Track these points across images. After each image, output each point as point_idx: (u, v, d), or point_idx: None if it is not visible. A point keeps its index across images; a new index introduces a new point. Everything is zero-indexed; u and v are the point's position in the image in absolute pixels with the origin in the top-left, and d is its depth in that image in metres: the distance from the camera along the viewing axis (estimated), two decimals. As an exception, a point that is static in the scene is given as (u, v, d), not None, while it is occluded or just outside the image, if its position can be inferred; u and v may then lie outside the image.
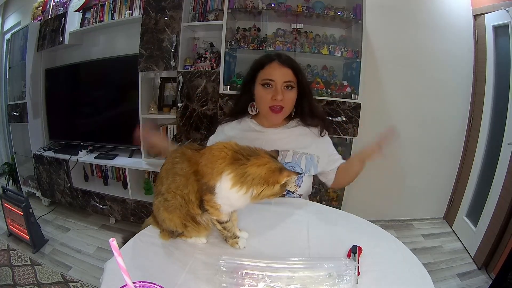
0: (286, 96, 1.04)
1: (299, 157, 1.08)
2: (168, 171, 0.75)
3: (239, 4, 2.07)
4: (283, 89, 1.04)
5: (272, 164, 0.70)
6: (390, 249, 0.75)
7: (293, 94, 1.07)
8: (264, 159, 0.70)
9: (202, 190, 0.71)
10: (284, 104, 1.05)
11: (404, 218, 2.57)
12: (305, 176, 1.08)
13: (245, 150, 0.72)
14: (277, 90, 1.03)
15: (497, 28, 2.05)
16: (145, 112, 2.36)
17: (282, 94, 1.03)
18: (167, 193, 0.74)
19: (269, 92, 1.04)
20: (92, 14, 2.57)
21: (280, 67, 1.05)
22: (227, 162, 0.68)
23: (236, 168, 0.68)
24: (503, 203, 1.85)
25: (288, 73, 1.05)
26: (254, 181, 0.67)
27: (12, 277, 1.81)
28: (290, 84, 1.05)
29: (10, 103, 2.99)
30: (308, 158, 1.08)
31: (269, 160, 0.71)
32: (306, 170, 1.08)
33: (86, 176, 2.76)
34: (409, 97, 2.39)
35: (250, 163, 0.68)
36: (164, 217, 0.75)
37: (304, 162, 1.08)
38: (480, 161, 2.21)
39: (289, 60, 1.08)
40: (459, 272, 1.94)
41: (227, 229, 0.75)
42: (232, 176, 0.67)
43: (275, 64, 1.05)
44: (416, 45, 2.29)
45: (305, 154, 1.09)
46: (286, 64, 1.06)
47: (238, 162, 0.68)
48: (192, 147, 0.78)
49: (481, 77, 2.23)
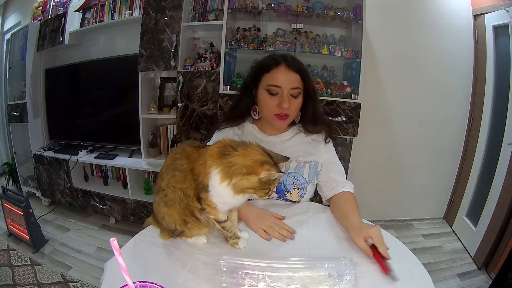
0: (292, 104, 0.99)
1: (302, 166, 1.04)
2: (169, 166, 0.76)
3: (239, 4, 2.06)
4: (289, 96, 0.98)
5: (257, 156, 0.68)
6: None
7: (299, 101, 1.02)
8: (252, 150, 0.69)
9: (199, 189, 0.71)
10: (290, 112, 1.00)
11: (404, 218, 2.57)
12: (309, 186, 1.05)
13: (236, 143, 0.71)
14: (284, 98, 0.97)
15: (497, 28, 2.05)
16: (145, 112, 2.35)
17: (288, 102, 0.97)
18: (167, 188, 0.75)
19: (275, 99, 0.99)
20: (92, 14, 2.56)
21: (287, 72, 0.98)
22: (214, 158, 0.69)
23: (222, 162, 0.68)
24: (503, 203, 1.85)
25: (295, 79, 0.99)
26: (236, 170, 0.67)
27: (12, 277, 1.81)
28: (297, 91, 0.99)
29: (10, 103, 2.98)
30: (312, 166, 1.04)
31: (256, 152, 0.69)
32: (310, 180, 1.04)
33: (86, 176, 2.76)
34: (409, 97, 2.39)
35: (235, 153, 0.68)
36: (164, 212, 0.75)
37: (307, 171, 1.04)
38: (480, 161, 2.21)
39: (296, 64, 1.01)
40: (459, 272, 1.94)
41: (226, 228, 0.75)
42: (219, 170, 0.67)
43: (282, 69, 0.98)
44: (416, 45, 2.29)
45: (308, 163, 1.04)
46: (294, 69, 0.99)
47: (224, 155, 0.68)
48: (193, 144, 0.78)
49: (481, 77, 2.23)
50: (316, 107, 1.08)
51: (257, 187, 0.68)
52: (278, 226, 0.86)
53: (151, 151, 2.43)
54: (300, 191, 1.04)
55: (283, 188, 1.03)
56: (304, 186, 1.03)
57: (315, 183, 1.07)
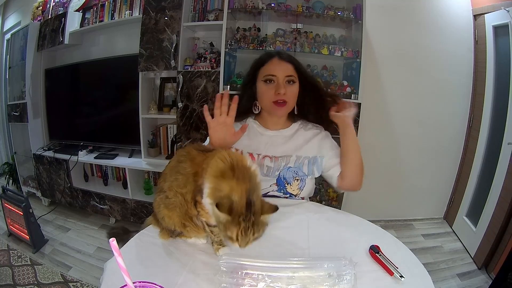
0: (289, 90, 1.04)
1: (301, 161, 1.07)
2: (172, 168, 0.77)
3: (239, 4, 2.07)
4: (285, 83, 1.04)
5: (242, 199, 0.63)
6: (390, 249, 0.75)
7: (295, 88, 1.07)
8: (243, 186, 0.64)
9: (197, 191, 0.71)
10: (287, 98, 1.04)
11: (404, 218, 2.57)
12: (308, 178, 1.07)
13: (241, 168, 0.67)
14: (279, 85, 1.03)
15: (497, 28, 2.05)
16: (145, 112, 2.36)
17: (284, 88, 1.03)
18: (169, 191, 0.75)
19: (272, 87, 1.04)
20: (92, 14, 2.57)
21: (281, 62, 1.06)
22: (213, 173, 0.67)
23: (216, 182, 0.66)
24: (503, 203, 1.86)
25: (289, 68, 1.05)
26: (218, 196, 0.65)
27: (12, 277, 1.81)
28: (292, 78, 1.05)
29: (10, 103, 2.99)
30: (311, 161, 1.07)
31: (243, 195, 0.64)
32: (309, 173, 1.07)
33: (86, 176, 2.76)
34: (409, 97, 2.39)
35: (229, 180, 0.65)
36: (164, 214, 0.75)
37: (306, 166, 1.07)
38: (480, 161, 2.21)
39: (289, 56, 1.09)
40: (459, 272, 1.94)
41: (214, 233, 0.75)
42: (209, 187, 0.67)
43: (275, 60, 1.06)
44: (416, 45, 2.29)
45: (307, 158, 1.07)
46: (287, 60, 1.07)
47: (222, 176, 0.66)
48: (199, 147, 0.79)
49: (481, 77, 2.23)
50: (318, 95, 1.10)
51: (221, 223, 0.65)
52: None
53: (151, 151, 2.43)
54: (300, 183, 1.06)
55: (283, 180, 1.06)
56: (303, 178, 1.06)
57: (315, 176, 1.10)
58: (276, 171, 1.05)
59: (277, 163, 1.06)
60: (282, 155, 1.07)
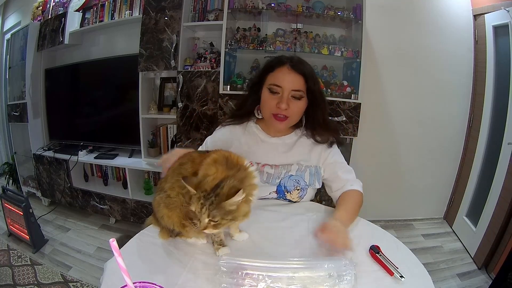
0: (292, 106, 0.98)
1: (303, 170, 1.03)
2: (174, 170, 0.78)
3: (239, 4, 2.06)
4: (290, 98, 0.97)
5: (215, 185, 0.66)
6: (390, 249, 0.75)
7: (301, 104, 1.00)
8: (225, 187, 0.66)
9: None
10: (288, 114, 0.98)
11: (404, 218, 2.57)
12: (309, 188, 1.04)
13: (232, 161, 0.71)
14: (283, 99, 0.96)
15: (497, 28, 2.05)
16: (145, 112, 2.35)
17: (287, 104, 0.96)
18: (171, 190, 0.75)
19: (275, 98, 0.98)
20: (92, 14, 2.56)
21: (290, 72, 0.98)
22: (208, 164, 0.70)
23: (207, 168, 0.69)
24: (503, 203, 1.85)
25: (297, 81, 0.97)
26: (203, 183, 0.67)
27: (12, 277, 1.81)
28: (299, 93, 0.98)
29: (10, 103, 2.99)
30: (313, 171, 1.03)
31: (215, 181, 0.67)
32: (310, 183, 1.03)
33: (86, 176, 2.76)
34: (409, 97, 2.39)
35: (216, 171, 0.68)
36: (164, 213, 0.76)
37: (308, 176, 1.03)
38: (480, 161, 2.21)
39: (300, 65, 0.99)
40: (459, 272, 1.94)
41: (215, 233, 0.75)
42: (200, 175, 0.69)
43: (285, 69, 0.98)
44: (416, 45, 2.29)
45: (309, 167, 1.03)
46: (297, 70, 0.98)
47: (214, 165, 0.69)
48: (199, 152, 0.82)
49: (481, 77, 2.23)
50: (324, 114, 1.05)
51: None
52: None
53: (151, 151, 2.43)
54: (300, 192, 1.03)
55: (283, 189, 1.03)
56: (304, 188, 1.03)
57: (316, 187, 1.06)
58: (277, 178, 1.02)
59: (277, 171, 1.02)
60: (283, 163, 1.03)
